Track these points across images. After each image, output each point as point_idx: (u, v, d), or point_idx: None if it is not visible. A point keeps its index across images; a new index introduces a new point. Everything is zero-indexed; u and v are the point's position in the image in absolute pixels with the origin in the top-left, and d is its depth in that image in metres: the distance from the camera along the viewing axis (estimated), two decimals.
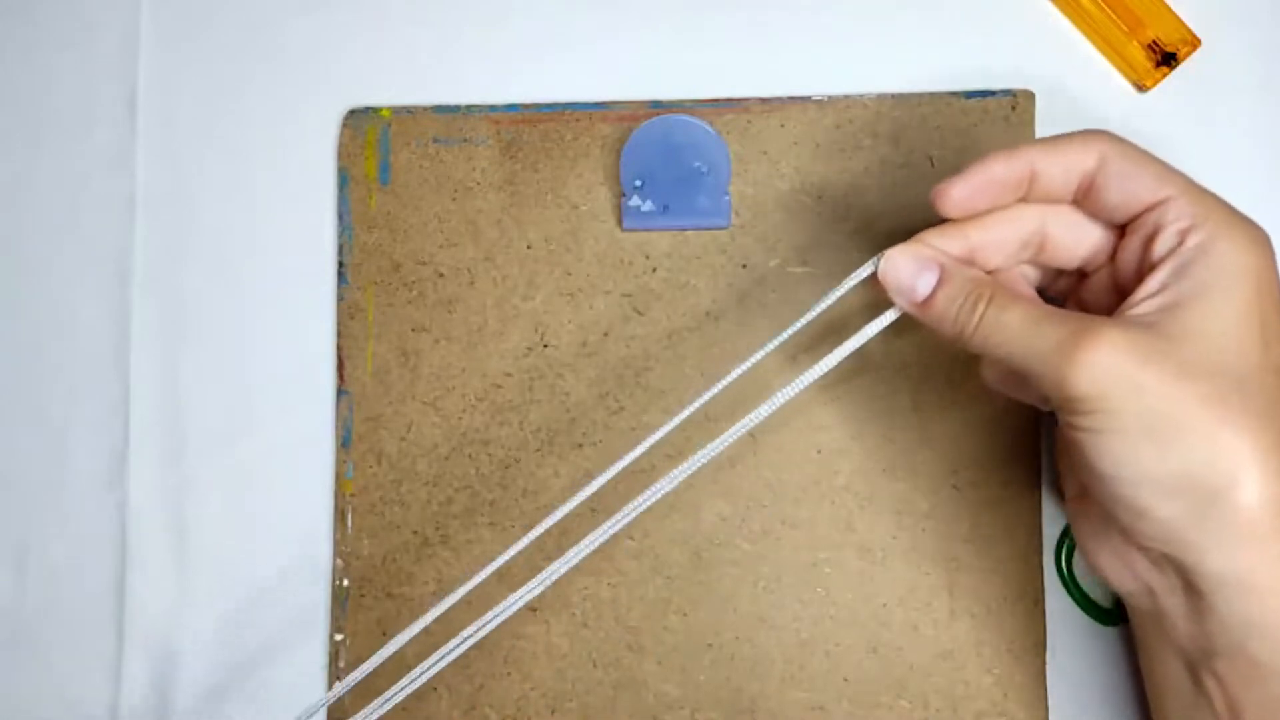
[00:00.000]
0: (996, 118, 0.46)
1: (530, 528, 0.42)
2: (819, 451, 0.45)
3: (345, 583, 0.46)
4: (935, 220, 0.47)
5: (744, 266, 0.46)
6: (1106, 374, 0.31)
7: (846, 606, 0.45)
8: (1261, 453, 0.31)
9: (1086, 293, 0.38)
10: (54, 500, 0.48)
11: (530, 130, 0.47)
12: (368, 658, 0.45)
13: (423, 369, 0.46)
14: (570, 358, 0.46)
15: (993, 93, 0.46)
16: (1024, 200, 0.36)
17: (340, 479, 0.46)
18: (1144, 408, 0.31)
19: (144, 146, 0.48)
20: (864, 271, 0.37)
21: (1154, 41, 0.46)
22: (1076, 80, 0.47)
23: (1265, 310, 0.32)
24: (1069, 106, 0.46)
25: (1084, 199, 0.36)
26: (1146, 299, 0.33)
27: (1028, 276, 0.39)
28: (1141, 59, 0.46)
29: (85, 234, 0.48)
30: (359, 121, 0.47)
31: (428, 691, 0.45)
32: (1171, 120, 0.46)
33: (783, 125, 0.46)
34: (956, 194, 0.36)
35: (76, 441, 0.48)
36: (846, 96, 0.46)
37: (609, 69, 0.48)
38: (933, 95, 0.46)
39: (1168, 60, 0.46)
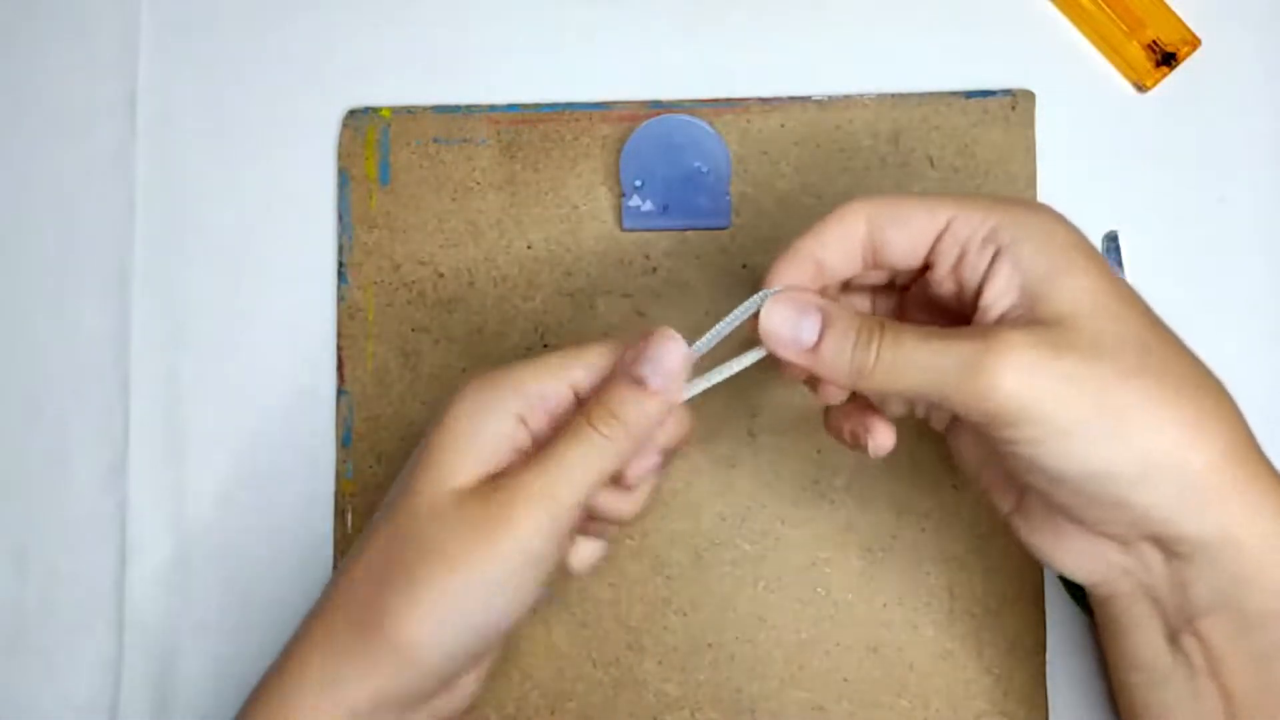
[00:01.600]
0: (996, 118, 0.46)
1: None
2: (819, 451, 0.45)
3: None
4: None
5: (744, 266, 0.46)
6: (1030, 379, 0.30)
7: (846, 606, 0.45)
8: (1196, 410, 0.31)
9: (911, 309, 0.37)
10: (54, 500, 0.48)
11: (530, 130, 0.47)
12: None
13: (423, 369, 0.46)
14: None
15: (993, 93, 0.46)
16: (823, 288, 0.36)
17: (340, 479, 0.46)
18: (1080, 403, 0.30)
19: (144, 146, 0.48)
20: (750, 307, 0.35)
21: (1154, 41, 0.46)
22: (1076, 80, 0.47)
23: (1106, 273, 0.32)
24: (1069, 106, 0.46)
25: (875, 262, 0.35)
26: (1001, 300, 0.32)
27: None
28: (1141, 59, 0.46)
29: (85, 234, 0.48)
30: (359, 121, 0.47)
31: None
32: (1171, 120, 0.46)
33: (783, 125, 0.46)
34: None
35: (76, 441, 0.48)
36: (846, 96, 0.46)
37: (609, 69, 0.47)
38: (933, 95, 0.46)
39: (1168, 60, 0.46)
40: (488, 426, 0.34)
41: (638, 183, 0.46)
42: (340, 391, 0.47)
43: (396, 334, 0.47)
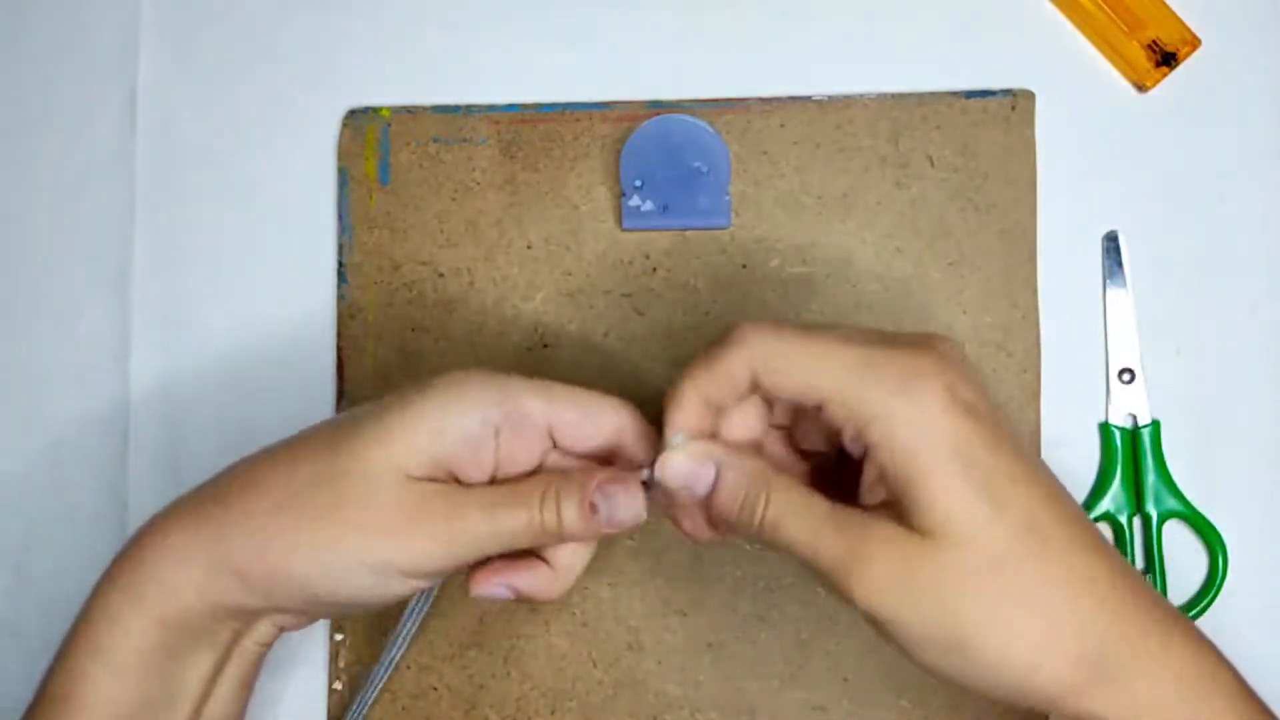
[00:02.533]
0: (996, 118, 0.46)
1: None
2: None
3: None
4: (935, 227, 0.47)
5: (744, 266, 0.46)
6: (886, 595, 0.31)
7: (847, 606, 0.45)
8: (1046, 626, 0.31)
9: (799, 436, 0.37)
10: (54, 500, 0.48)
11: (530, 130, 0.47)
12: (367, 657, 0.45)
13: (423, 369, 0.46)
14: (570, 358, 0.46)
15: (993, 93, 0.46)
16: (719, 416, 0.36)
17: None
18: (931, 621, 0.31)
19: (144, 146, 0.48)
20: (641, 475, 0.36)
21: (1154, 41, 0.46)
22: (1076, 80, 0.47)
23: (980, 462, 0.31)
24: (1069, 106, 0.46)
25: (760, 393, 0.35)
26: (872, 494, 0.33)
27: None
28: (1141, 59, 0.46)
29: (85, 234, 0.48)
30: (359, 121, 0.47)
31: (427, 691, 0.45)
32: (1171, 120, 0.46)
33: (783, 125, 0.46)
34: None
35: (76, 441, 0.48)
36: (846, 96, 0.46)
37: (609, 69, 0.47)
38: (933, 95, 0.46)
39: (1168, 60, 0.46)
40: (459, 424, 0.34)
41: (638, 183, 0.46)
42: (340, 392, 0.47)
43: (396, 334, 0.47)
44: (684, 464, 0.35)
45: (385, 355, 0.47)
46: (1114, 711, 0.31)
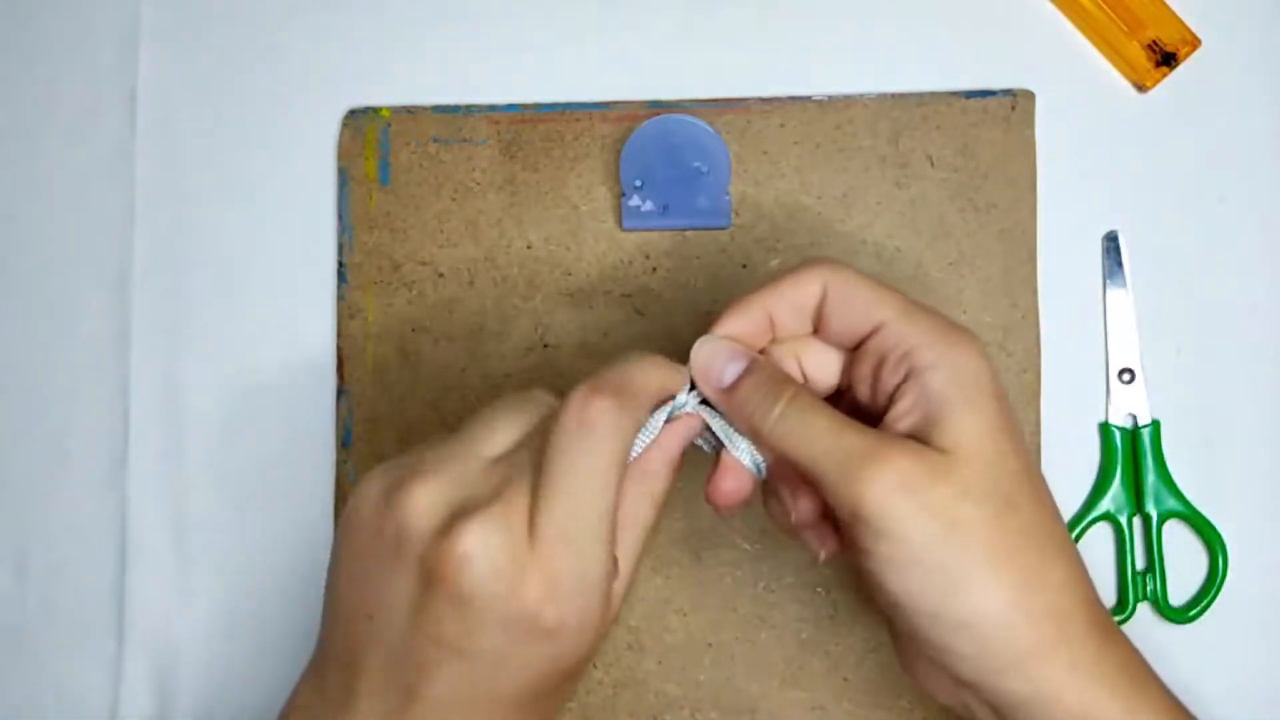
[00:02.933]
0: (996, 118, 0.46)
1: None
2: None
3: None
4: (935, 227, 0.47)
5: (744, 266, 0.46)
6: (899, 498, 0.31)
7: (846, 606, 0.45)
8: (1036, 576, 0.32)
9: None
10: (54, 500, 0.48)
11: (530, 130, 0.47)
12: None
13: (423, 369, 0.46)
14: (570, 358, 0.46)
15: (993, 93, 0.46)
16: (773, 342, 0.36)
17: (340, 479, 0.46)
18: (934, 538, 0.31)
19: (144, 146, 0.48)
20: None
21: (1154, 41, 0.46)
22: (1076, 80, 0.47)
23: (1005, 414, 0.33)
24: (1069, 106, 0.46)
25: (818, 330, 0.36)
26: (904, 419, 0.33)
27: (830, 365, 0.37)
28: (1141, 59, 0.46)
29: (85, 234, 0.48)
30: (359, 121, 0.47)
31: None
32: (1171, 120, 0.47)
33: (783, 125, 0.46)
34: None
35: (76, 441, 0.48)
36: (846, 96, 0.46)
37: (609, 69, 0.48)
38: (933, 95, 0.46)
39: (1168, 60, 0.46)
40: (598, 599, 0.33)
41: (638, 183, 0.46)
42: (340, 391, 0.47)
43: (396, 334, 0.47)
44: (721, 348, 0.35)
45: (385, 355, 0.47)
46: (1060, 683, 0.32)
